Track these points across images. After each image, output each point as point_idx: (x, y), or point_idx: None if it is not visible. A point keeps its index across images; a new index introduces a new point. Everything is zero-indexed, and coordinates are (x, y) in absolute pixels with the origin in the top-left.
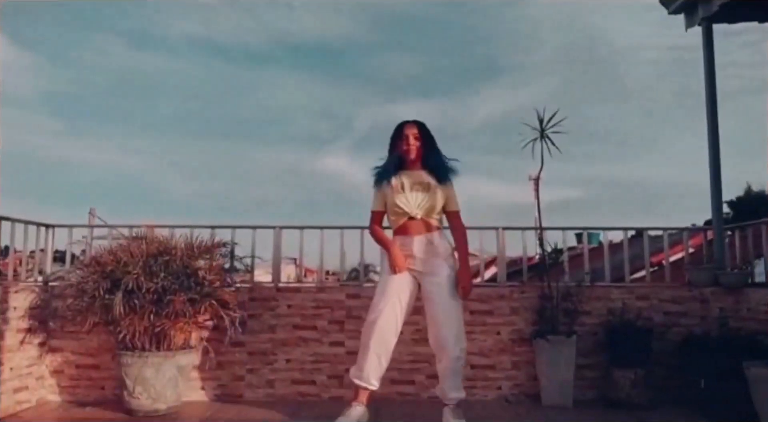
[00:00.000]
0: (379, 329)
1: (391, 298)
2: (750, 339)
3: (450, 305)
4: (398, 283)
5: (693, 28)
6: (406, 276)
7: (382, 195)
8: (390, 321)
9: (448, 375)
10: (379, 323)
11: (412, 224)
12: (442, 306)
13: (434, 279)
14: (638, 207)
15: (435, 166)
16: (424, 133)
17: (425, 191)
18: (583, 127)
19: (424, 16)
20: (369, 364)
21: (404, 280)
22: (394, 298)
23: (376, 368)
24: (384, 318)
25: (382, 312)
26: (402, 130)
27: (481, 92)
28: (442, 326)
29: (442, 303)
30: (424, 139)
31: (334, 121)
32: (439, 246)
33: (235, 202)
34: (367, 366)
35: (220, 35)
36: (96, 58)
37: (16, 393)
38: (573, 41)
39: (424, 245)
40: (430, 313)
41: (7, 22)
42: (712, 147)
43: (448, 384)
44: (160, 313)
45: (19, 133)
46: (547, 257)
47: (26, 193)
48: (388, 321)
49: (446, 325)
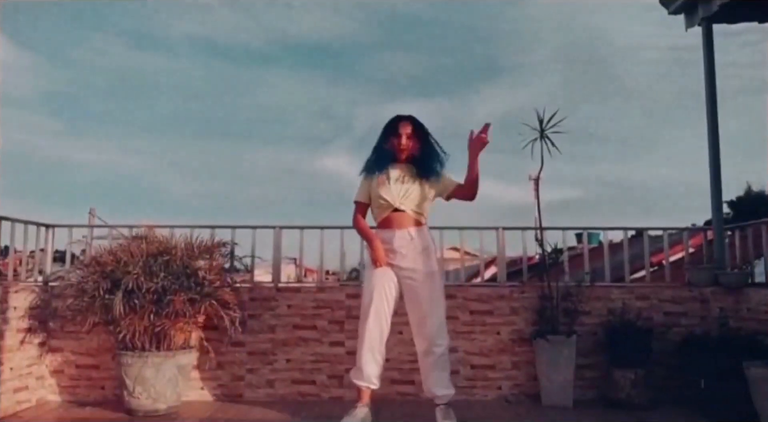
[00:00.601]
0: (369, 331)
1: (376, 297)
2: (750, 339)
3: (433, 298)
4: (381, 278)
5: (693, 28)
6: (387, 271)
7: (368, 185)
8: (380, 318)
9: (434, 371)
10: (368, 324)
11: (395, 217)
12: (425, 299)
13: (415, 275)
14: (638, 207)
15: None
16: (418, 131)
17: (411, 183)
18: (583, 127)
19: (424, 16)
20: (367, 364)
21: (387, 274)
22: (380, 294)
23: (374, 367)
24: (372, 318)
25: (369, 314)
26: (396, 128)
27: (481, 92)
28: (427, 318)
29: (424, 296)
30: (417, 137)
31: (334, 121)
32: (421, 241)
33: (235, 202)
34: (366, 367)
35: (219, 35)
36: (96, 58)
37: (16, 392)
38: (573, 41)
39: (406, 240)
40: (412, 307)
41: (7, 22)
42: (712, 147)
43: (435, 381)
44: (160, 313)
45: (19, 133)
46: (547, 257)
47: (26, 193)
48: (378, 319)
49: (430, 318)
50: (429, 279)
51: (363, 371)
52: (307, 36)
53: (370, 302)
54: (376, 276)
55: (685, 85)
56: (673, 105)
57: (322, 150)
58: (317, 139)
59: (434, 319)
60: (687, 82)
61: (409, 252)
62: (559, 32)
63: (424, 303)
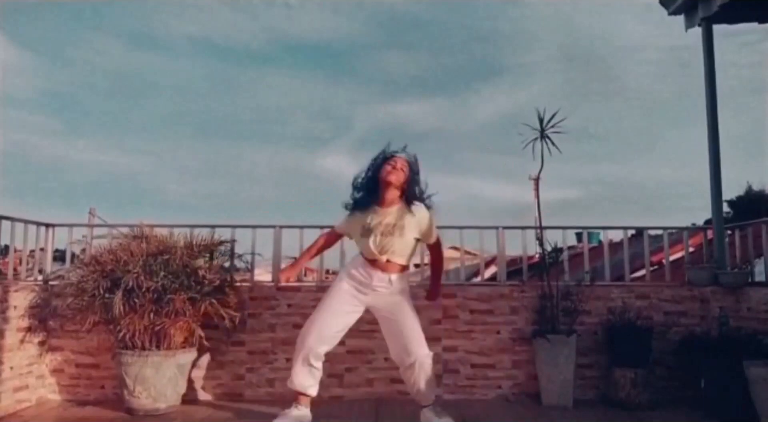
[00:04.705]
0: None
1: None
2: (750, 339)
3: (409, 316)
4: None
5: (693, 28)
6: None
7: (353, 224)
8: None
9: (422, 379)
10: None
11: (379, 262)
12: (402, 320)
13: (389, 307)
14: (638, 207)
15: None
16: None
17: (397, 235)
18: (583, 127)
19: (424, 16)
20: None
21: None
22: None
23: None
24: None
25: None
26: (389, 158)
27: (481, 92)
28: (407, 335)
29: (401, 317)
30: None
31: (334, 121)
32: (399, 285)
33: (235, 201)
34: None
35: (219, 35)
36: (95, 58)
37: (16, 392)
38: (573, 41)
39: (385, 283)
40: (390, 330)
41: (7, 22)
42: (712, 147)
43: (423, 387)
44: (160, 312)
45: (19, 133)
46: (547, 256)
47: (26, 193)
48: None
49: (410, 333)
50: (404, 300)
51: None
52: (307, 36)
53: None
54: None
55: (685, 85)
56: (673, 105)
57: (322, 150)
58: (317, 139)
59: (415, 332)
60: (687, 82)
61: (385, 293)
62: (559, 32)
63: (404, 320)
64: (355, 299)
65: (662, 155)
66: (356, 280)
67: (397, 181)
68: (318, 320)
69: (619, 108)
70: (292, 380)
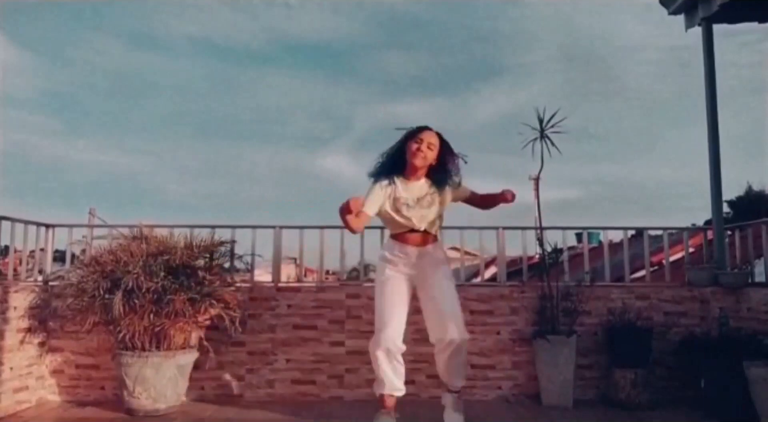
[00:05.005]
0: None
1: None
2: (750, 339)
3: (450, 296)
4: (394, 284)
5: (693, 28)
6: (401, 278)
7: (381, 197)
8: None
9: (454, 363)
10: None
11: (411, 235)
12: (443, 299)
13: (431, 281)
14: (638, 207)
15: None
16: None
17: (429, 206)
18: (583, 127)
19: (424, 16)
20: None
21: (400, 279)
22: (395, 299)
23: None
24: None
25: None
26: (419, 133)
27: (481, 92)
28: (446, 316)
29: (442, 296)
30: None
31: (334, 121)
32: (436, 255)
33: (235, 202)
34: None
35: (219, 35)
36: (95, 58)
37: (16, 393)
38: (573, 41)
39: (423, 256)
40: (430, 309)
41: (7, 22)
42: (712, 147)
43: (454, 373)
44: (160, 313)
45: (19, 133)
46: (546, 257)
47: (26, 193)
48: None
49: (450, 315)
50: (446, 279)
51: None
52: (307, 36)
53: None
54: (389, 283)
55: (685, 85)
56: (673, 105)
57: (322, 150)
58: (317, 139)
59: (456, 314)
60: (687, 82)
61: (425, 265)
62: (559, 32)
63: (445, 300)
64: (404, 279)
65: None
66: (395, 263)
67: (423, 163)
68: (385, 315)
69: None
70: (381, 384)
